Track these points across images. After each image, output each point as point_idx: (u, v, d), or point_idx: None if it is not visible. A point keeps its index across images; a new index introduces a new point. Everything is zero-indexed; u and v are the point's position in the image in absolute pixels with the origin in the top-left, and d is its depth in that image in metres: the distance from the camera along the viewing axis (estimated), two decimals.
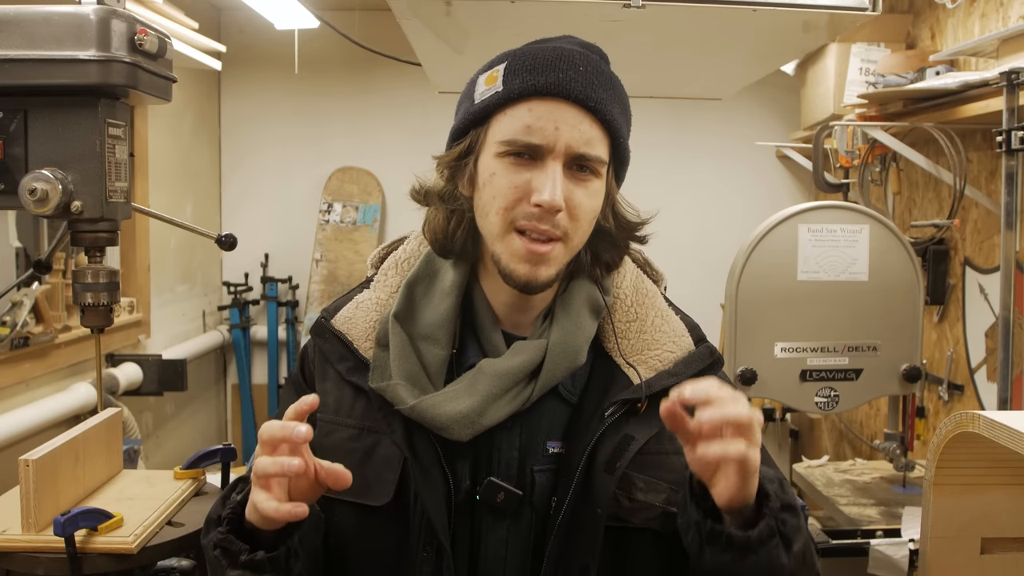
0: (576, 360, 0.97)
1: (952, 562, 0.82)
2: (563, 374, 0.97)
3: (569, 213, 0.91)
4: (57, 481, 1.29)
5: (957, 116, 2.33)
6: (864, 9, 1.47)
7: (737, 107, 4.02)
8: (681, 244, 4.10)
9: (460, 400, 0.93)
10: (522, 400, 0.95)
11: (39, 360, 2.57)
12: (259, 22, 3.32)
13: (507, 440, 0.97)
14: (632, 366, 0.99)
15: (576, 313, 0.99)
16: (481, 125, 0.94)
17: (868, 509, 2.22)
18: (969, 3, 2.63)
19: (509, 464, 0.97)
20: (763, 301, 2.08)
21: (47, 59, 1.07)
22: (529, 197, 0.90)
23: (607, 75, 0.95)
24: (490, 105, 0.93)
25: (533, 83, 0.90)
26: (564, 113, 0.90)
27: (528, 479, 0.97)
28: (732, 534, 0.84)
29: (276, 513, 0.81)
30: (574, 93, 0.90)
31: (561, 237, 0.91)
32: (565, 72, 0.90)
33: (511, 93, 0.91)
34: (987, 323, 2.59)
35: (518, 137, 0.90)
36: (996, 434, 0.69)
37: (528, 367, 0.95)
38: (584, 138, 0.90)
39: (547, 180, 0.89)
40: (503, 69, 0.93)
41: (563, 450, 0.98)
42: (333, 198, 4.21)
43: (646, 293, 1.05)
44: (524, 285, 0.92)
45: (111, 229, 1.19)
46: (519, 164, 0.91)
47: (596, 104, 0.91)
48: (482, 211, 0.95)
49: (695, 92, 2.86)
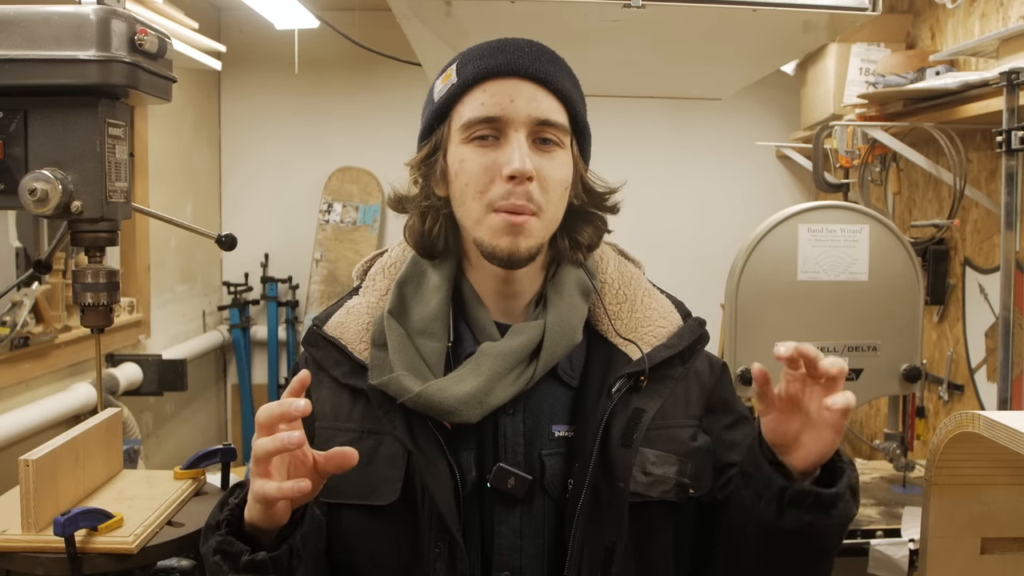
0: (574, 338, 0.99)
1: (952, 562, 0.82)
2: (562, 352, 0.98)
3: (539, 185, 0.94)
4: (57, 481, 1.29)
5: (957, 116, 2.33)
6: (864, 9, 1.47)
7: (737, 107, 4.02)
8: (681, 244, 4.10)
9: (466, 382, 0.94)
10: (525, 380, 0.96)
11: (39, 360, 2.57)
12: (259, 22, 3.32)
13: (511, 427, 0.97)
14: (632, 341, 1.01)
15: (568, 294, 1.01)
16: (443, 120, 0.98)
17: (868, 509, 2.22)
18: (969, 3, 2.63)
19: (515, 450, 0.97)
20: (763, 301, 2.08)
21: (47, 59, 1.07)
22: (500, 174, 0.93)
23: (553, 55, 0.99)
24: (449, 98, 0.97)
25: (484, 66, 0.95)
26: (518, 87, 0.94)
27: (536, 464, 0.97)
28: (820, 493, 0.88)
29: (279, 492, 0.81)
30: (523, 69, 0.94)
31: (535, 211, 0.94)
32: (513, 53, 0.95)
33: (465, 80, 0.95)
34: (987, 323, 2.59)
35: (477, 114, 0.94)
36: (996, 434, 0.69)
37: (528, 347, 0.97)
38: (541, 107, 0.94)
39: (513, 151, 0.92)
40: (456, 65, 0.98)
41: (571, 433, 0.99)
42: (333, 198, 4.21)
43: (631, 276, 1.09)
44: (507, 259, 0.95)
45: (111, 229, 1.19)
46: (484, 146, 0.94)
47: (547, 76, 0.95)
48: (459, 200, 0.97)
49: (695, 92, 2.86)
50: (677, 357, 1.02)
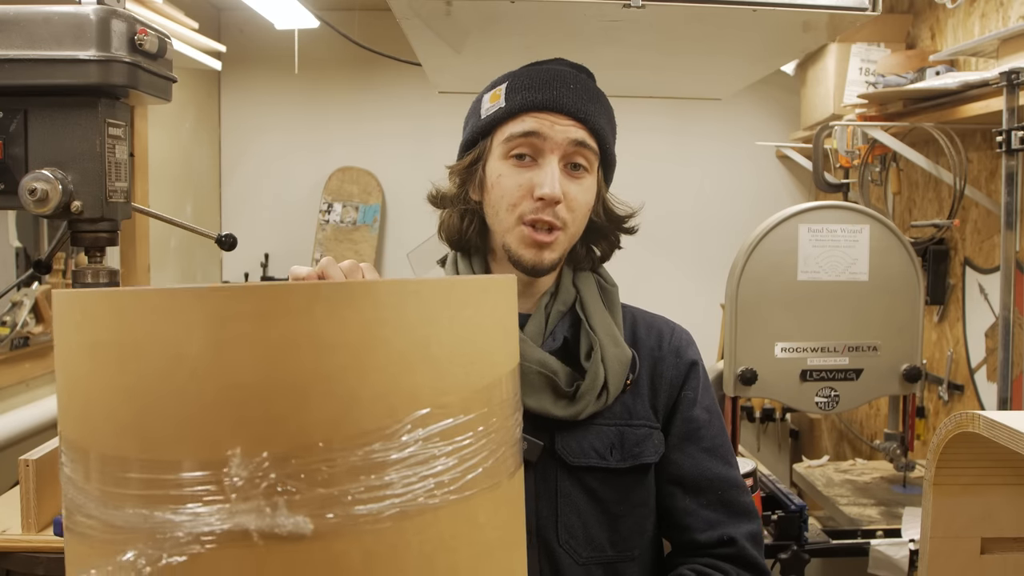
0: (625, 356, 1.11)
1: (952, 562, 0.82)
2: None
3: (567, 205, 1.05)
4: (57, 481, 1.29)
5: (957, 116, 2.33)
6: (864, 9, 1.47)
7: (737, 107, 4.02)
8: (681, 244, 4.10)
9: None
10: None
11: (39, 360, 2.57)
12: (259, 22, 3.32)
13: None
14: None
15: (589, 292, 1.15)
16: (487, 136, 1.09)
17: (868, 509, 2.22)
18: (969, 3, 2.63)
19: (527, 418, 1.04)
20: (763, 301, 2.08)
21: (47, 59, 1.07)
22: (532, 193, 1.04)
23: (594, 91, 1.10)
24: (495, 119, 1.08)
25: (532, 99, 1.05)
26: (559, 119, 1.05)
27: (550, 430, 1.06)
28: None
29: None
30: (566, 107, 1.05)
31: (561, 227, 1.05)
32: (559, 90, 1.06)
33: (513, 108, 1.06)
34: (987, 323, 2.59)
35: (518, 129, 1.05)
36: (996, 434, 0.69)
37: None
38: (577, 136, 1.05)
39: (546, 176, 1.03)
40: (505, 88, 1.08)
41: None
42: (333, 198, 4.21)
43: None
44: (531, 269, 1.07)
45: (111, 229, 1.19)
46: (521, 166, 1.05)
47: (586, 116, 1.06)
48: (492, 210, 1.08)
49: (695, 92, 2.86)
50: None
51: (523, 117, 1.05)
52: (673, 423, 1.12)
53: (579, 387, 1.05)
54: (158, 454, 0.53)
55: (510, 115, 1.06)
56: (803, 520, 1.93)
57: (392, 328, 0.55)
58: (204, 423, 0.52)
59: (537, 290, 1.13)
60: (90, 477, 0.55)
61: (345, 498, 0.52)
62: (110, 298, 0.55)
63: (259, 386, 0.52)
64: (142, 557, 0.52)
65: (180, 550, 0.52)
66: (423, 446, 0.55)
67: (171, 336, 0.53)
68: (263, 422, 0.52)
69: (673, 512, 1.11)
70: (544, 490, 1.05)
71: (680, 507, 1.10)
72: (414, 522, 0.55)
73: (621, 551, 1.08)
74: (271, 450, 0.51)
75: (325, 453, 0.52)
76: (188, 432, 0.52)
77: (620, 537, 1.08)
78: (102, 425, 0.55)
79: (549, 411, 1.04)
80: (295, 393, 0.52)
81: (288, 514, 0.51)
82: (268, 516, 0.51)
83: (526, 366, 1.03)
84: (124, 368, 0.54)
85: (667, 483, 1.12)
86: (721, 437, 1.14)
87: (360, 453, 0.53)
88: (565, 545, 1.05)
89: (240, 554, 0.51)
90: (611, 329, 1.10)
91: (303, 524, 0.51)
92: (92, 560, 0.55)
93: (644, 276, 3.49)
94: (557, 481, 1.06)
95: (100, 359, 0.55)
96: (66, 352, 0.58)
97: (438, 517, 0.56)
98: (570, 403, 1.05)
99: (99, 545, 0.55)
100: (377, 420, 0.54)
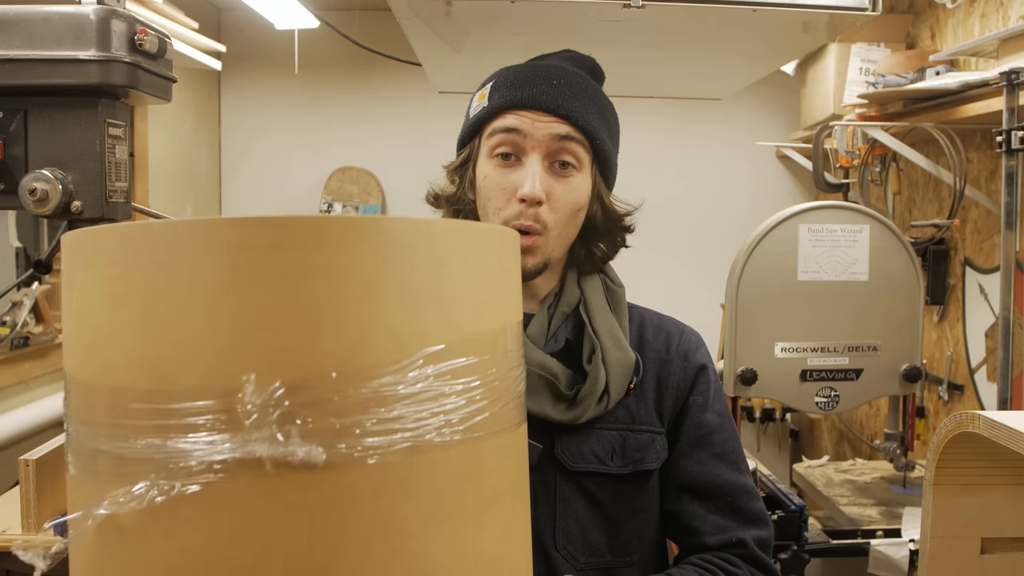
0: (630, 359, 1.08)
1: (952, 562, 0.82)
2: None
3: (550, 206, 1.02)
4: (57, 481, 1.29)
5: (957, 116, 2.33)
6: (864, 9, 1.47)
7: (737, 107, 4.02)
8: (681, 244, 4.10)
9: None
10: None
11: (39, 360, 2.57)
12: (259, 22, 3.32)
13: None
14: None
15: (596, 297, 1.12)
16: (475, 136, 1.08)
17: (868, 509, 2.22)
18: (969, 3, 2.63)
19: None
20: (763, 301, 2.08)
21: (47, 59, 1.07)
22: (516, 194, 1.02)
23: (582, 85, 1.07)
24: (480, 118, 1.07)
25: (511, 97, 1.04)
26: (540, 117, 1.03)
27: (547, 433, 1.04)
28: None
29: None
30: (546, 103, 1.02)
31: (541, 230, 1.02)
32: (539, 86, 1.03)
33: (494, 107, 1.05)
34: (987, 323, 2.59)
35: (500, 127, 1.04)
36: (996, 434, 0.69)
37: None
38: (559, 131, 1.03)
39: (527, 175, 1.01)
40: (490, 87, 1.07)
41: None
42: (333, 198, 4.21)
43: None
44: None
45: None
46: (506, 166, 1.04)
47: (568, 111, 1.03)
48: (482, 210, 1.07)
49: (695, 92, 2.86)
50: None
51: (505, 115, 1.04)
52: (682, 428, 1.09)
53: (579, 390, 1.02)
54: (170, 383, 0.53)
55: (492, 114, 1.05)
56: (803, 520, 1.93)
57: (403, 264, 0.56)
58: (217, 351, 0.52)
59: (540, 291, 1.10)
60: (99, 411, 0.55)
61: (356, 429, 0.52)
62: (121, 232, 0.55)
63: (273, 314, 0.52)
64: (154, 487, 0.52)
65: (192, 479, 0.51)
66: (432, 383, 0.55)
67: (184, 265, 0.53)
68: (276, 351, 0.52)
69: (681, 517, 1.09)
70: (542, 494, 1.03)
71: (689, 512, 1.08)
72: (425, 457, 0.55)
73: (619, 556, 1.06)
74: (284, 378, 0.51)
75: (338, 384, 0.52)
76: (201, 360, 0.52)
77: (619, 542, 1.06)
78: (113, 358, 0.55)
79: (548, 414, 1.01)
80: (309, 323, 0.52)
81: (301, 443, 0.51)
82: (281, 444, 0.51)
83: (526, 367, 1.01)
84: (136, 300, 0.54)
85: (676, 489, 1.09)
86: (732, 442, 1.10)
87: (372, 385, 0.53)
88: (563, 550, 1.03)
89: (252, 483, 0.51)
90: (615, 331, 1.07)
91: (316, 453, 0.51)
92: (102, 496, 0.54)
93: (644, 276, 3.48)
94: (556, 485, 1.03)
95: (111, 292, 0.55)
96: (75, 291, 0.58)
97: (448, 455, 0.56)
98: (570, 407, 1.02)
99: (108, 480, 0.54)
100: (389, 354, 0.54)
